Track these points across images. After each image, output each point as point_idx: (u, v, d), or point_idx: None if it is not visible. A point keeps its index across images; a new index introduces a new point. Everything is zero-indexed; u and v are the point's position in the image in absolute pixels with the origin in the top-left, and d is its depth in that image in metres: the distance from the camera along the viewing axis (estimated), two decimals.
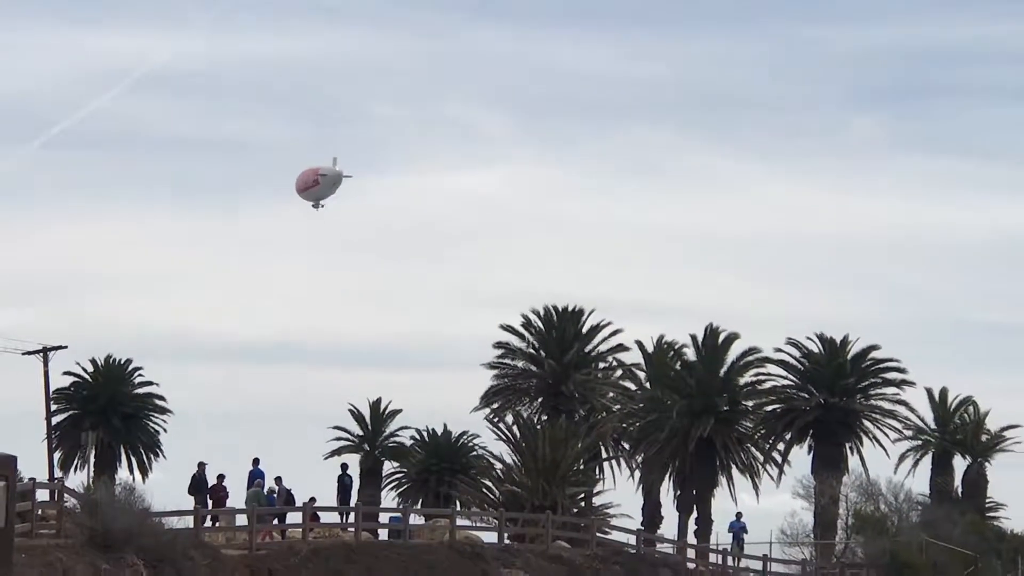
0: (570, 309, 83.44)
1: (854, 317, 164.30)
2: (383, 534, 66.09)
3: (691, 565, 65.65)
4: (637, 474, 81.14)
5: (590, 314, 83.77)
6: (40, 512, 49.49)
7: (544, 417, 78.99)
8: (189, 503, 61.89)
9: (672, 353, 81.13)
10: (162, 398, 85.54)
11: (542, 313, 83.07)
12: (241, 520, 60.81)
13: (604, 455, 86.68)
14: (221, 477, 67.00)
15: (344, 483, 73.91)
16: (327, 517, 66.44)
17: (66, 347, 77.57)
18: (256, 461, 66.83)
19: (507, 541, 63.72)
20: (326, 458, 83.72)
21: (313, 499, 66.11)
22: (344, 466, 77.03)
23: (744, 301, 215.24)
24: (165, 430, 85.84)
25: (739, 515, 76.25)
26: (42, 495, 52.30)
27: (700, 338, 79.01)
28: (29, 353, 73.98)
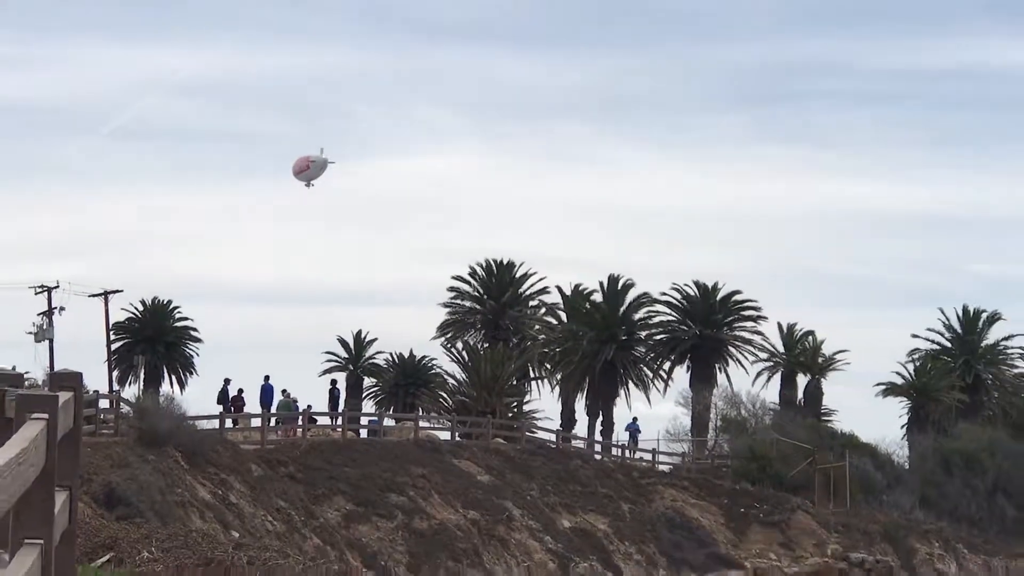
0: (505, 262, 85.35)
1: (723, 269, 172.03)
2: (363, 433, 67.71)
3: (597, 457, 68.22)
4: (557, 388, 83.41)
5: (521, 266, 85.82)
6: (102, 416, 52.58)
7: (486, 344, 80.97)
8: (216, 410, 63.93)
9: (584, 296, 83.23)
10: (195, 331, 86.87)
11: (484, 265, 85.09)
12: (255, 423, 62.88)
13: (532, 374, 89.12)
14: (240, 391, 68.93)
15: (333, 395, 76.17)
16: (321, 420, 67.61)
17: (122, 291, 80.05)
18: (267, 378, 67.95)
19: (458, 438, 66.00)
20: (319, 376, 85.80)
21: (310, 406, 69.03)
22: (333, 382, 79.62)
23: (640, 257, 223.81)
24: (197, 355, 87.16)
25: (635, 419, 78.53)
26: (103, 404, 55.86)
27: (605, 285, 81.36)
28: (94, 295, 76.36)
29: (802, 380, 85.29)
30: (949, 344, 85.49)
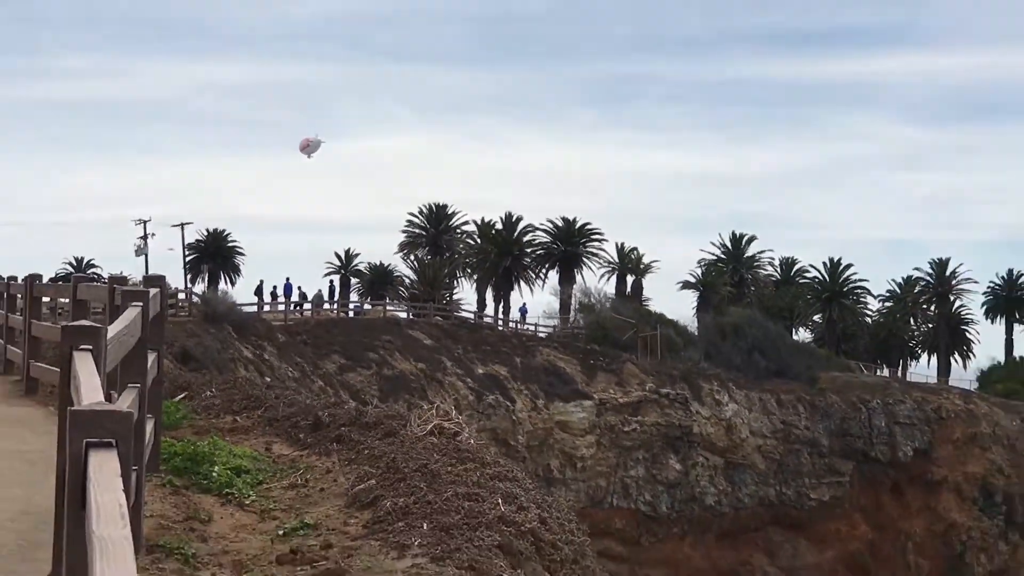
0: (441, 204, 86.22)
1: (582, 209, 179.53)
2: (351, 314, 66.57)
3: (500, 328, 69.04)
4: (474, 284, 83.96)
5: (451, 208, 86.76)
6: (179, 304, 52.37)
7: (429, 257, 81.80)
8: (253, 300, 64.29)
9: (490, 226, 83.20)
10: (241, 249, 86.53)
11: (428, 207, 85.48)
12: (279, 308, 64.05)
13: (458, 275, 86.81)
14: (274, 287, 68.84)
15: (332, 288, 77.36)
16: (325, 306, 68.74)
17: (192, 223, 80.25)
18: (287, 279, 67.41)
19: (411, 317, 65.78)
20: (322, 277, 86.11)
21: (320, 292, 70.36)
22: (331, 281, 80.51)
23: (529, 201, 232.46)
24: (242, 264, 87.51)
25: (524, 304, 79.25)
26: (180, 296, 55.85)
27: (504, 220, 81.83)
28: (174, 226, 76.47)
29: (630, 279, 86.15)
30: (723, 256, 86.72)
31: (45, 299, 19.99)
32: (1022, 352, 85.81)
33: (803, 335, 79.39)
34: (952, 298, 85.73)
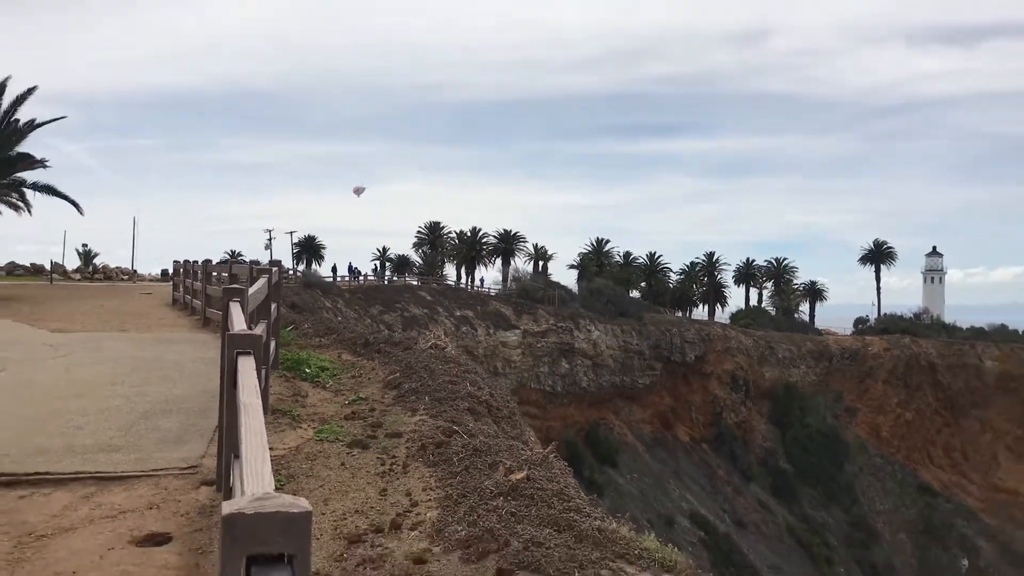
0: (436, 221, 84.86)
1: (517, 224, 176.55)
2: (385, 282, 67.16)
3: (470, 290, 70.07)
4: (454, 266, 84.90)
5: (443, 224, 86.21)
6: (290, 277, 49.66)
7: (430, 250, 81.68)
8: (330, 275, 62.85)
9: (464, 234, 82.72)
10: (323, 245, 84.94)
11: (428, 224, 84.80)
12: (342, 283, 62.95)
13: (446, 261, 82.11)
14: (341, 266, 67.89)
15: (375, 268, 76.04)
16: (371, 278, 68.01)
17: (297, 231, 79.35)
18: (350, 263, 67.00)
19: (419, 284, 62.96)
20: (370, 261, 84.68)
21: (367, 272, 69.71)
22: (375, 264, 79.49)
23: (486, 219, 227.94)
24: (325, 254, 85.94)
25: (483, 277, 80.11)
26: (289, 272, 56.03)
27: (471, 231, 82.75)
28: (287, 232, 75.54)
29: (541, 263, 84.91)
30: (592, 250, 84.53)
31: (213, 274, 20.18)
32: (753, 303, 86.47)
33: (635, 294, 79.46)
34: (716, 274, 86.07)
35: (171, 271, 35.57)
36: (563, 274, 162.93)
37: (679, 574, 4.77)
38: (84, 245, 52.19)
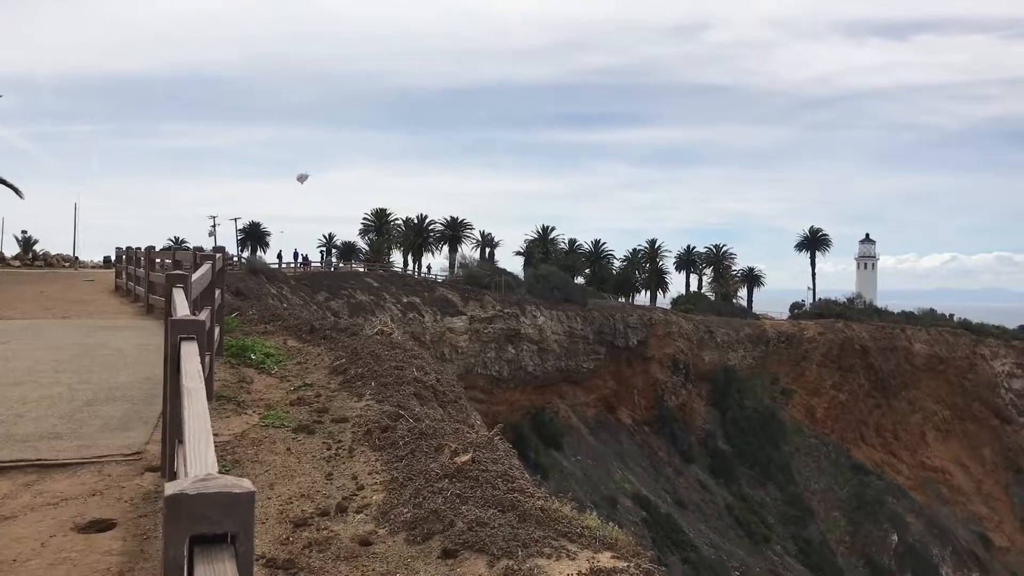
0: (383, 208, 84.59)
1: (463, 211, 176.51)
2: (332, 268, 66.37)
3: (416, 277, 70.06)
4: (400, 252, 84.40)
5: (390, 211, 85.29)
6: (234, 264, 49.28)
7: (376, 236, 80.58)
8: (276, 261, 61.79)
9: (410, 221, 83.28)
10: (268, 232, 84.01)
11: (375, 210, 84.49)
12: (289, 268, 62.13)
13: (392, 247, 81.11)
14: (293, 254, 67.48)
15: (321, 254, 75.87)
16: (316, 264, 67.56)
17: (241, 217, 77.57)
18: (295, 249, 66.44)
19: (366, 270, 62.24)
20: (317, 248, 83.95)
21: (306, 257, 68.84)
22: (321, 251, 78.87)
23: (433, 206, 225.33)
24: (269, 242, 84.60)
25: (429, 264, 79.74)
26: (234, 258, 55.10)
27: (417, 217, 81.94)
28: (232, 219, 74.03)
29: (488, 250, 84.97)
30: (538, 237, 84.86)
31: (157, 260, 19.80)
32: (694, 289, 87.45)
33: (580, 280, 79.88)
34: (658, 260, 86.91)
35: (114, 258, 34.77)
36: (509, 261, 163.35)
37: (619, 551, 4.83)
38: (23, 232, 50.57)
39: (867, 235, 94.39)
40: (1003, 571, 63.87)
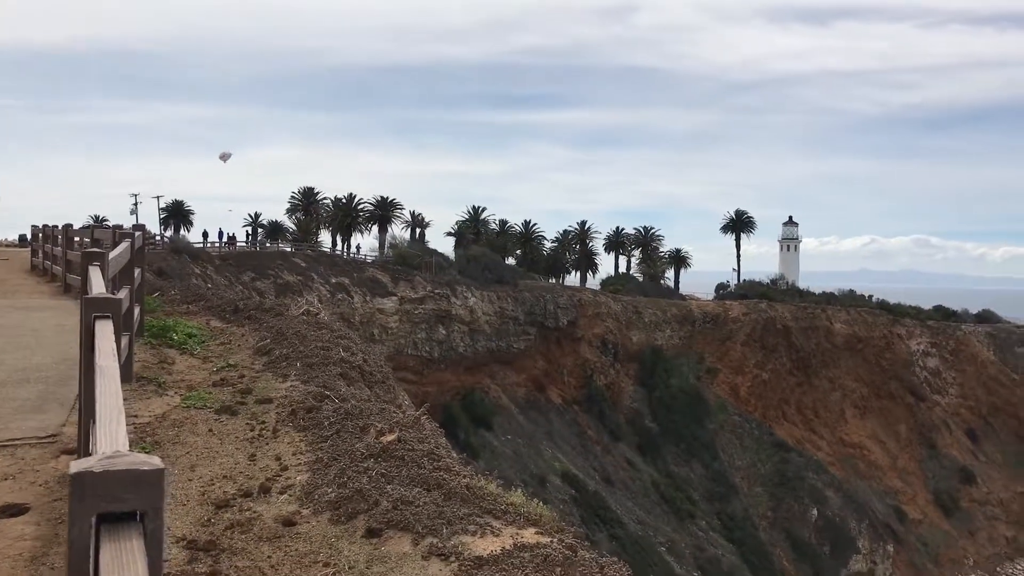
0: (311, 187, 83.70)
1: (393, 191, 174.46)
2: (258, 248, 65.65)
3: (345, 257, 69.45)
4: (329, 234, 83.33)
5: (318, 190, 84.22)
6: (157, 243, 49.30)
7: (304, 216, 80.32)
8: (199, 240, 61.55)
9: (340, 200, 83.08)
10: (192, 210, 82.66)
11: (302, 189, 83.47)
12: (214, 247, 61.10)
13: (320, 227, 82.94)
14: (218, 233, 66.62)
15: (247, 234, 74.74)
16: (241, 244, 66.23)
17: (164, 195, 76.85)
18: (220, 228, 66.08)
19: (293, 250, 61.65)
20: (242, 227, 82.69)
21: (232, 236, 67.67)
22: (247, 231, 77.90)
23: (362, 186, 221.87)
24: (193, 219, 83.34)
25: (358, 245, 79.03)
26: (157, 237, 53.91)
27: (347, 197, 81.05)
28: (155, 197, 72.42)
29: (419, 231, 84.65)
30: (469, 217, 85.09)
31: (75, 239, 19.30)
32: (623, 270, 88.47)
33: (511, 261, 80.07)
34: (588, 242, 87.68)
35: (30, 236, 33.84)
36: (440, 241, 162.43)
37: (543, 527, 4.91)
38: None
39: (790, 218, 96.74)
40: (916, 543, 66.63)
